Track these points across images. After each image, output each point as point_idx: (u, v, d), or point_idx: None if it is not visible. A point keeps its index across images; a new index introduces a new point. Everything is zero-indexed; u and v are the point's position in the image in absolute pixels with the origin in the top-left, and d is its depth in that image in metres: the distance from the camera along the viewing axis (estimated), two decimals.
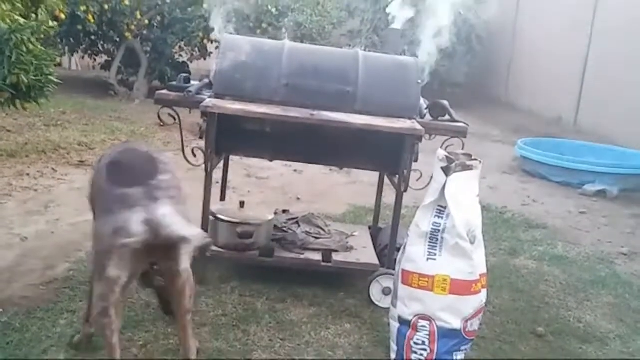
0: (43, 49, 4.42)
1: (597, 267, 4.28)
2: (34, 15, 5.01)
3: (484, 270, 2.77)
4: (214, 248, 3.37)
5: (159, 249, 2.08)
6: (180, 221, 2.08)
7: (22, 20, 4.37)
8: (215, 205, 3.53)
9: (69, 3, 7.09)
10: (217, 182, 3.98)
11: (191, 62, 11.16)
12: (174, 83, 3.39)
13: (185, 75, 3.46)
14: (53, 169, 5.33)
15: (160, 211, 2.06)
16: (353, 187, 5.84)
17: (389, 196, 3.78)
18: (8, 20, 4.25)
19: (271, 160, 3.87)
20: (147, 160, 2.27)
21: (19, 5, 4.64)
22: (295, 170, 6.17)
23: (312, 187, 5.74)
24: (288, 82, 3.27)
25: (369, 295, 3.33)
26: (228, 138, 3.30)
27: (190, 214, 2.25)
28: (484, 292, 2.76)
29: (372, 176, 4.31)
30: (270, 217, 3.59)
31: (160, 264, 2.23)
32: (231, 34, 3.66)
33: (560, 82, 10.93)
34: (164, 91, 3.34)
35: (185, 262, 2.12)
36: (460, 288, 2.65)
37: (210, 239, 2.29)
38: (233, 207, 3.62)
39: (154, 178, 2.17)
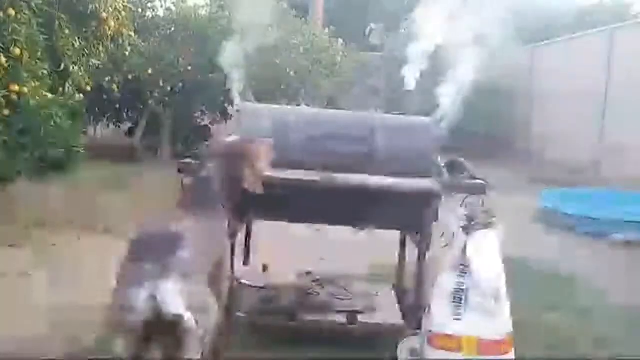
0: (70, 122, 4.60)
1: (630, 321, 4.17)
2: (61, 89, 5.23)
3: (511, 329, 2.74)
4: (238, 314, 3.38)
5: (164, 330, 2.00)
6: (176, 300, 1.97)
7: (50, 96, 4.57)
8: (238, 270, 3.55)
9: (93, 74, 7.37)
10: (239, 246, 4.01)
11: (213, 125, 11.42)
12: (197, 151, 3.48)
13: (207, 143, 3.54)
14: (79, 237, 5.41)
15: (163, 287, 1.97)
16: (376, 245, 5.81)
17: (413, 253, 3.78)
18: (37, 97, 4.45)
19: (292, 223, 3.89)
20: (167, 236, 2.20)
21: (47, 80, 4.86)
22: (317, 230, 6.17)
23: (335, 246, 5.72)
24: (307, 147, 3.33)
25: (396, 358, 3.29)
26: (249, 203, 3.35)
27: (209, 295, 2.17)
28: (513, 351, 2.72)
29: (395, 233, 4.31)
30: (294, 279, 3.59)
31: (163, 351, 2.09)
32: (249, 101, 3.76)
33: (581, 131, 10.94)
34: (187, 159, 3.42)
35: (191, 353, 2.03)
36: (488, 348, 2.62)
37: (203, 332, 2.10)
38: (256, 271, 3.64)
39: (169, 254, 2.09)
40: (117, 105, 10.73)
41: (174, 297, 1.96)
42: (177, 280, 2.01)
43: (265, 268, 3.62)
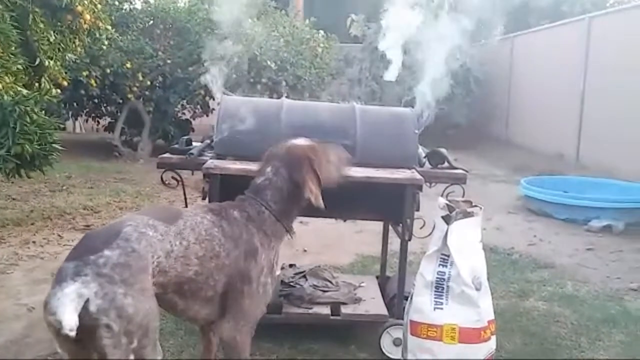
0: (46, 117, 4.51)
1: (607, 305, 4.24)
2: (37, 85, 5.14)
3: (492, 317, 2.77)
4: None
5: (83, 332, 1.84)
6: (64, 303, 1.81)
7: (25, 91, 4.47)
8: None
9: (71, 69, 7.27)
10: None
11: (194, 119, 11.37)
12: (176, 146, 3.45)
13: (186, 137, 3.52)
14: (59, 235, 5.37)
15: (66, 289, 1.84)
16: (359, 236, 5.84)
17: (396, 243, 3.80)
18: (11, 92, 4.35)
19: None
20: (109, 233, 2.05)
21: (22, 76, 4.76)
22: (301, 222, 6.16)
23: (319, 238, 5.74)
24: (288, 139, 3.32)
25: (380, 347, 3.31)
26: (231, 197, 3.33)
27: (136, 298, 1.93)
28: (494, 338, 2.75)
29: (378, 224, 4.34)
30: (277, 272, 3.58)
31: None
32: (228, 94, 3.74)
33: (560, 119, 11.04)
34: (167, 154, 3.39)
35: (112, 354, 1.89)
36: (469, 336, 2.65)
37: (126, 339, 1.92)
38: None
39: (96, 253, 1.94)
40: (96, 100, 10.61)
41: (65, 299, 1.82)
42: (90, 280, 1.87)
43: None
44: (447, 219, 2.70)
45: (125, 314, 1.90)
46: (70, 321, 1.79)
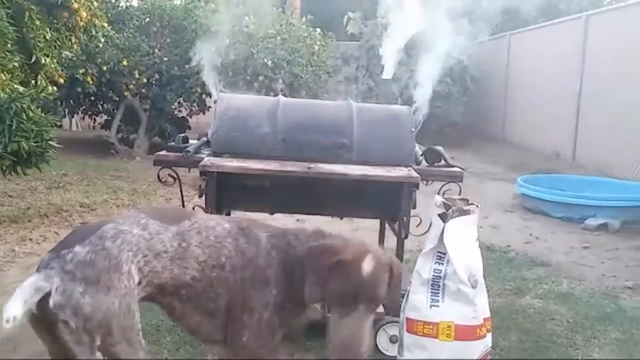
0: (43, 115, 4.52)
1: (602, 303, 4.25)
2: (33, 82, 5.14)
3: (488, 314, 2.77)
4: None
5: (49, 325, 1.87)
6: (18, 294, 1.80)
7: (21, 89, 4.48)
8: None
9: (67, 67, 7.26)
10: None
11: (190, 117, 11.34)
12: (173, 143, 3.45)
13: (183, 135, 3.52)
14: (55, 232, 5.35)
15: (26, 281, 1.85)
16: (356, 233, 5.83)
17: (393, 241, 3.81)
18: (7, 90, 4.36)
19: (272, 214, 3.88)
20: (88, 230, 2.07)
21: (18, 73, 4.76)
22: (297, 220, 6.17)
23: None
24: (285, 137, 3.33)
25: (376, 345, 3.31)
26: (228, 194, 3.34)
27: (95, 297, 1.89)
28: (489, 336, 2.76)
29: (374, 222, 4.34)
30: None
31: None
32: (224, 91, 3.75)
33: (556, 118, 11.05)
34: (163, 152, 3.40)
35: (75, 349, 1.88)
36: (465, 333, 2.65)
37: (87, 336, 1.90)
38: None
39: (68, 248, 1.95)
40: (92, 98, 10.60)
41: (19, 289, 1.82)
42: (52, 275, 1.88)
43: None
44: (443, 217, 2.71)
45: (81, 312, 1.87)
46: (11, 311, 1.76)
